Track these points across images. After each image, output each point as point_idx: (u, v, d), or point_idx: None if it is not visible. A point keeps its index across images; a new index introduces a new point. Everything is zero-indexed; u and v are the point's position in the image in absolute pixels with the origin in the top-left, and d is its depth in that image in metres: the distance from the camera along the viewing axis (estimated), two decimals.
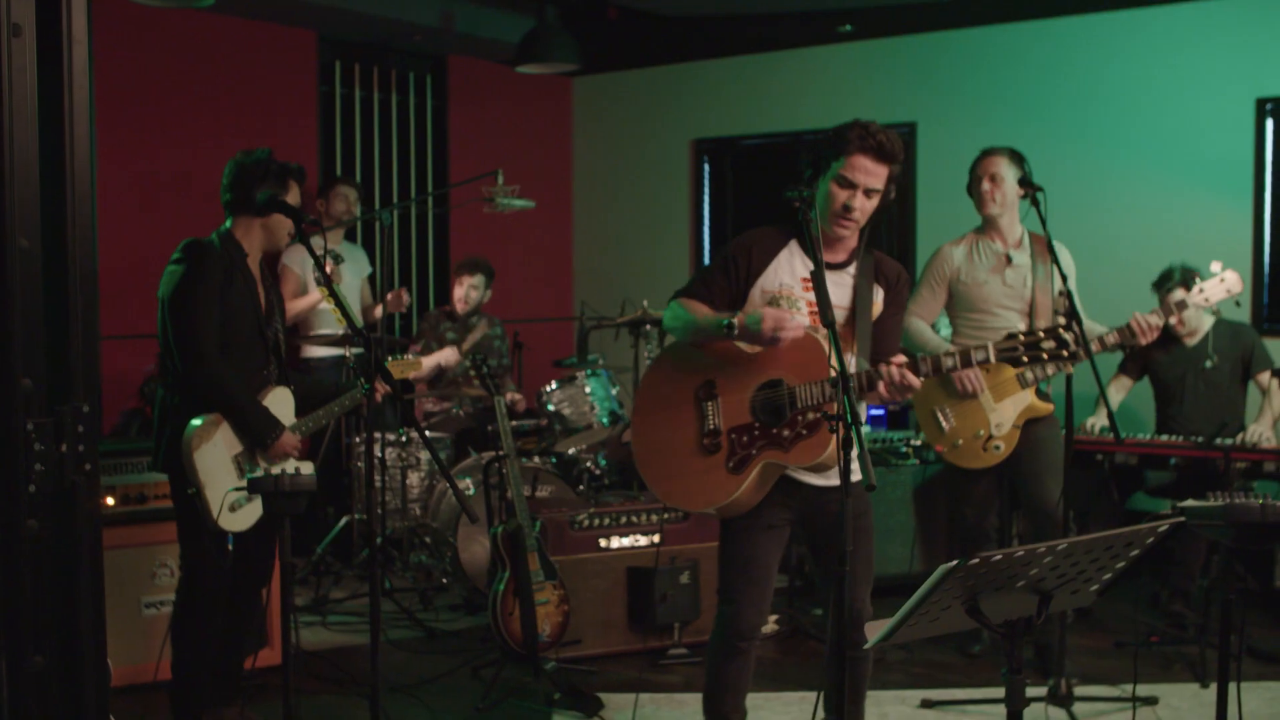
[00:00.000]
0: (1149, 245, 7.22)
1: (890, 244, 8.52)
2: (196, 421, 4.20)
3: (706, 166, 9.40)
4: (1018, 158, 5.27)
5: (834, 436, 3.41)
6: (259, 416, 4.31)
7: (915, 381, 3.42)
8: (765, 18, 7.83)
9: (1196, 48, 7.25)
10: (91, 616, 2.84)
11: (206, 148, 7.21)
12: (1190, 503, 2.96)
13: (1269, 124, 7.09)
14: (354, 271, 7.42)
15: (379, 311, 7.08)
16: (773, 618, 5.87)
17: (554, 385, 6.80)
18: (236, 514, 4.26)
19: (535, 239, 9.58)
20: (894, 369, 3.42)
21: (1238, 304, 5.29)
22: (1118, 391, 6.36)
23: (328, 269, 7.08)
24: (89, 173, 2.99)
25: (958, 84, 8.10)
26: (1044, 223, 4.78)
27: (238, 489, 4.17)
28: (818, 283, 3.23)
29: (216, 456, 4.24)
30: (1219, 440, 5.72)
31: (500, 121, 9.29)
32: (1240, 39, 7.10)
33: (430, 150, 9.02)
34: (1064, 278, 4.70)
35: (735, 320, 3.52)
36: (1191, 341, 6.18)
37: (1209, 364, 6.12)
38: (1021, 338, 3.38)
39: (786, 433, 3.54)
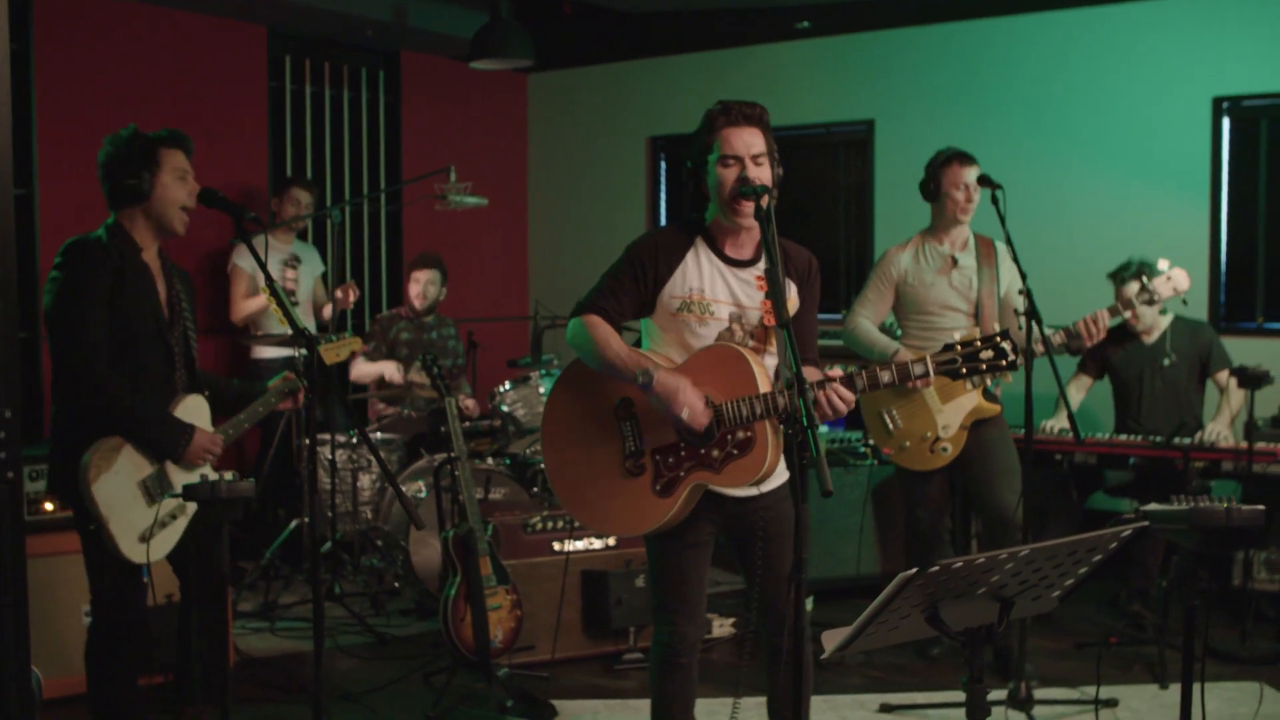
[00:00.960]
0: (1106, 244, 7.15)
1: (848, 243, 8.46)
2: (91, 452, 3.81)
3: (663, 164, 9.31)
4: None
5: (769, 455, 3.32)
6: (163, 427, 3.92)
7: (849, 397, 3.27)
8: (722, 14, 7.74)
9: (1154, 46, 7.21)
10: (13, 627, 2.73)
11: None
12: (1153, 506, 2.89)
13: (1225, 123, 7.07)
14: (307, 271, 7.29)
15: (329, 310, 6.96)
16: (728, 620, 5.79)
17: (507, 386, 6.69)
18: (150, 543, 3.87)
19: (490, 237, 9.46)
20: (827, 391, 3.25)
21: (1184, 303, 5.26)
22: (1077, 391, 6.32)
23: (287, 274, 7.00)
24: (8, 174, 2.87)
25: (916, 81, 8.04)
26: (1003, 221, 4.72)
27: (173, 495, 3.93)
28: (772, 280, 3.11)
29: (119, 485, 3.85)
30: (1177, 440, 5.68)
31: (454, 118, 9.16)
32: (1197, 37, 7.08)
33: (383, 147, 8.87)
34: (1023, 275, 4.64)
35: (651, 381, 3.33)
36: (1149, 340, 6.15)
37: (1167, 362, 6.09)
38: (959, 349, 3.29)
39: (716, 453, 3.39)
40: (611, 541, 5.47)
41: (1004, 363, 3.29)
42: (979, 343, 3.30)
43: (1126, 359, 6.18)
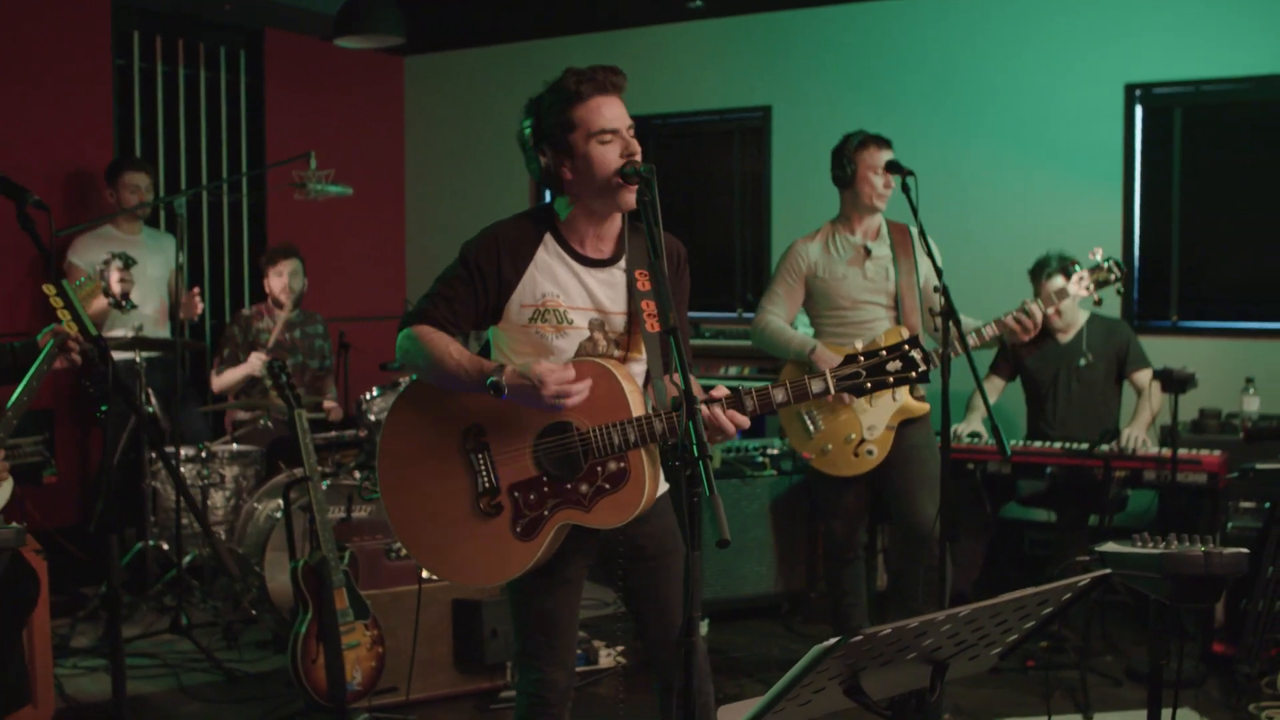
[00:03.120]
0: (1013, 236, 6.84)
1: (744, 236, 8.02)
2: None
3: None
4: None
5: (646, 487, 2.84)
6: None
7: (744, 422, 2.79)
8: None
9: (1063, 29, 6.88)
10: None
11: None
12: (1111, 548, 2.42)
13: (1139, 111, 6.74)
14: (159, 263, 6.60)
15: (182, 312, 6.33)
16: (617, 649, 5.29)
17: (375, 392, 6.09)
18: None
19: (364, 230, 8.87)
20: (716, 411, 2.76)
21: (1098, 301, 4.88)
22: (990, 394, 5.93)
23: (115, 275, 6.29)
24: None
25: (814, 65, 7.65)
26: (915, 211, 4.27)
27: None
28: (656, 278, 2.60)
29: None
30: (1101, 448, 5.33)
31: (324, 103, 8.55)
32: (1109, 20, 6.76)
33: (245, 133, 8.22)
34: (939, 271, 4.19)
35: (502, 380, 2.81)
36: (1064, 338, 5.79)
37: (1083, 362, 5.73)
38: (862, 360, 2.83)
39: (585, 488, 2.90)
40: None
41: (913, 374, 2.83)
42: (884, 352, 2.84)
43: (1041, 359, 5.81)
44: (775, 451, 6.10)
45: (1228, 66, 6.48)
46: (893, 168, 4.56)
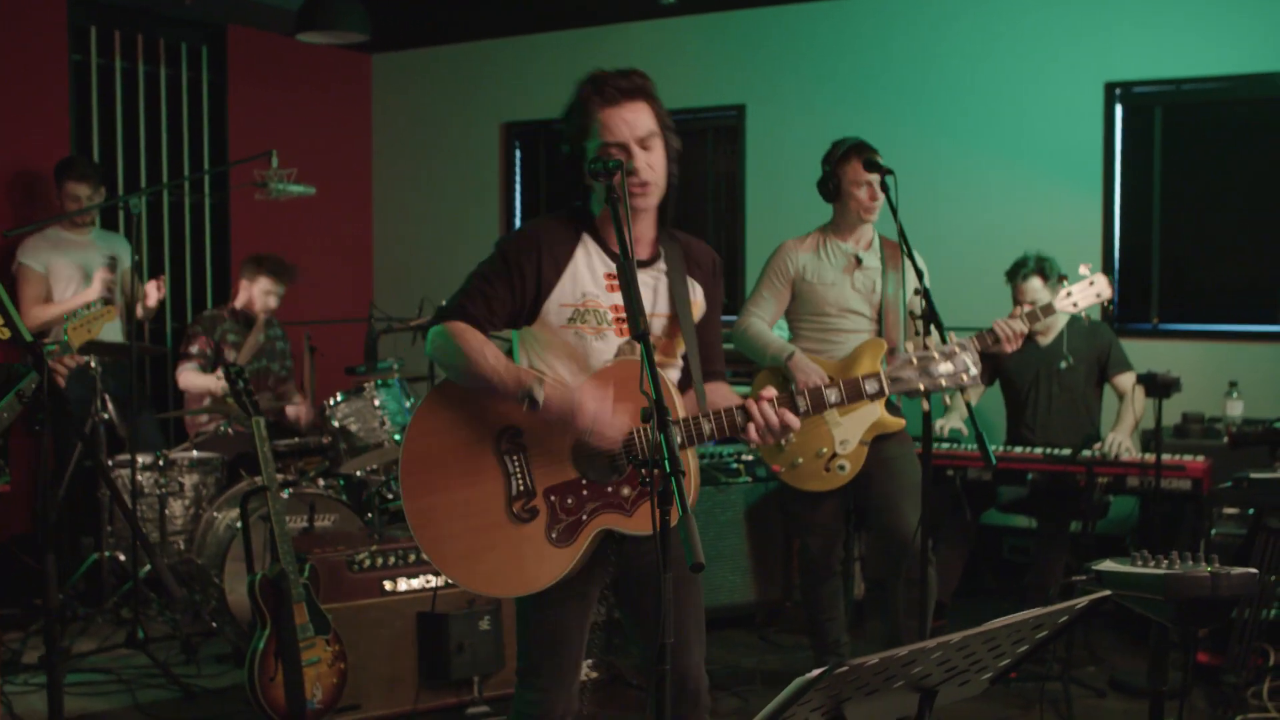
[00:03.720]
0: (990, 238, 6.73)
1: (718, 236, 7.89)
2: None
3: (518, 152, 8.64)
4: None
5: (692, 490, 2.71)
6: None
7: (794, 422, 2.70)
8: None
9: (1041, 26, 6.78)
10: None
11: None
12: (1110, 566, 2.28)
13: (1119, 109, 6.63)
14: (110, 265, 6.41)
15: (140, 311, 6.14)
16: (587, 662, 5.13)
17: (340, 397, 5.93)
18: None
19: (330, 231, 8.68)
20: (765, 406, 2.68)
21: (1107, 306, 4.76)
22: (972, 395, 5.80)
23: (102, 275, 6.08)
24: None
25: (789, 63, 7.52)
26: (894, 210, 4.14)
27: None
28: (625, 279, 2.45)
29: None
30: (1085, 453, 5.21)
31: (289, 101, 8.36)
32: (1088, 18, 6.65)
33: (207, 131, 8.02)
34: (920, 274, 4.05)
35: (539, 396, 2.70)
36: (1044, 341, 5.66)
37: (1064, 365, 5.61)
38: (915, 361, 2.83)
39: (626, 490, 2.77)
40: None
41: (965, 377, 2.85)
42: (936, 354, 2.84)
43: (1021, 362, 5.69)
44: (750, 458, 5.95)
45: (1209, 65, 6.40)
46: (871, 166, 4.43)
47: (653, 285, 2.90)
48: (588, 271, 2.84)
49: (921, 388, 2.75)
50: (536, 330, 2.88)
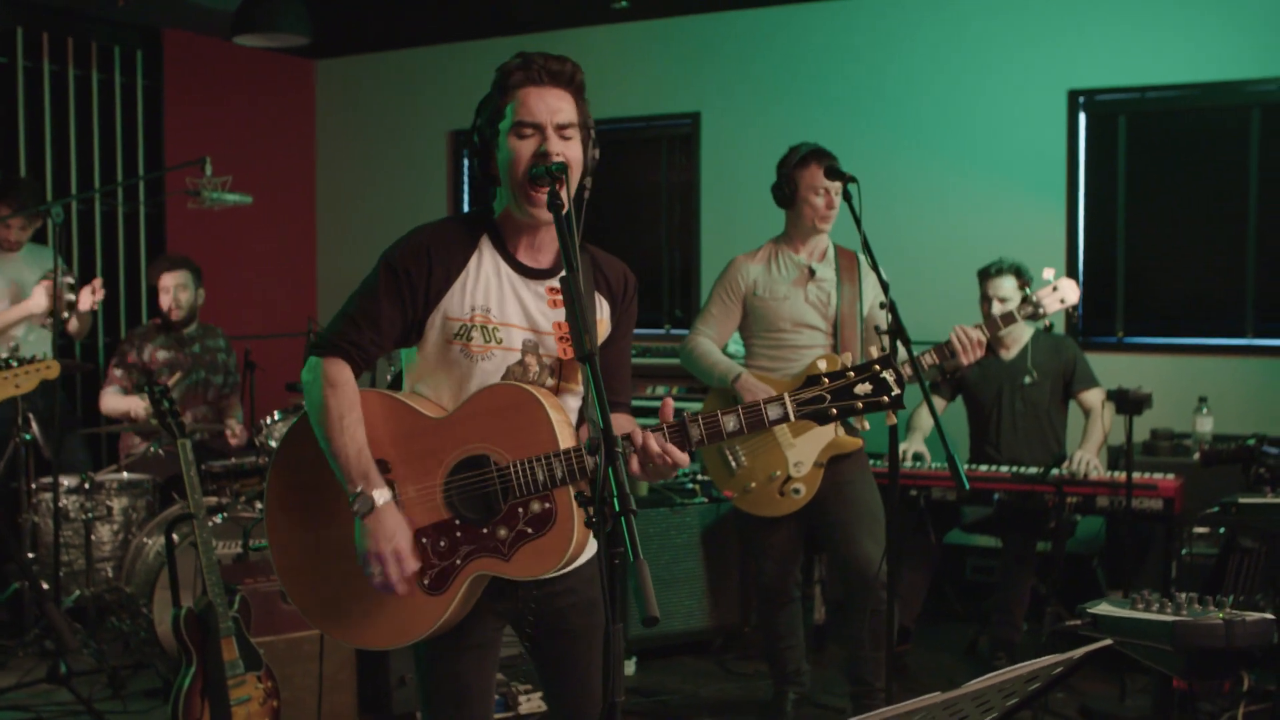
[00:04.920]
0: (952, 249, 6.57)
1: (672, 248, 7.69)
2: None
3: (466, 161, 8.41)
4: None
5: (575, 533, 2.45)
6: None
7: (682, 459, 2.43)
8: None
9: (1003, 33, 6.65)
10: None
11: None
12: (1105, 610, 2.06)
13: (1082, 118, 6.49)
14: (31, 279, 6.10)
15: (75, 323, 5.86)
16: (537, 695, 4.89)
17: (276, 416, 5.67)
18: None
19: (272, 241, 8.42)
20: (652, 440, 2.40)
21: (1049, 325, 4.57)
22: (930, 415, 5.60)
23: (45, 286, 5.75)
24: None
25: (745, 70, 7.36)
26: (858, 221, 3.93)
27: None
28: (570, 294, 2.21)
29: None
30: (1054, 471, 5.04)
31: (229, 107, 8.10)
32: (1050, 25, 6.52)
33: (142, 138, 7.73)
34: (885, 285, 3.85)
35: (370, 510, 2.50)
36: (1008, 355, 5.49)
37: (1028, 380, 5.43)
38: (826, 381, 2.46)
39: (503, 532, 2.51)
40: None
41: (886, 399, 2.46)
42: (851, 373, 2.47)
43: (983, 377, 5.51)
44: (706, 477, 5.73)
45: (1173, 73, 6.28)
46: (832, 174, 4.23)
47: (549, 298, 2.62)
48: (480, 282, 2.57)
49: (835, 412, 2.48)
50: (422, 350, 2.62)
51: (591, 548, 2.65)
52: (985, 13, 6.67)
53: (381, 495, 2.49)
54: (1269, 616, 2.00)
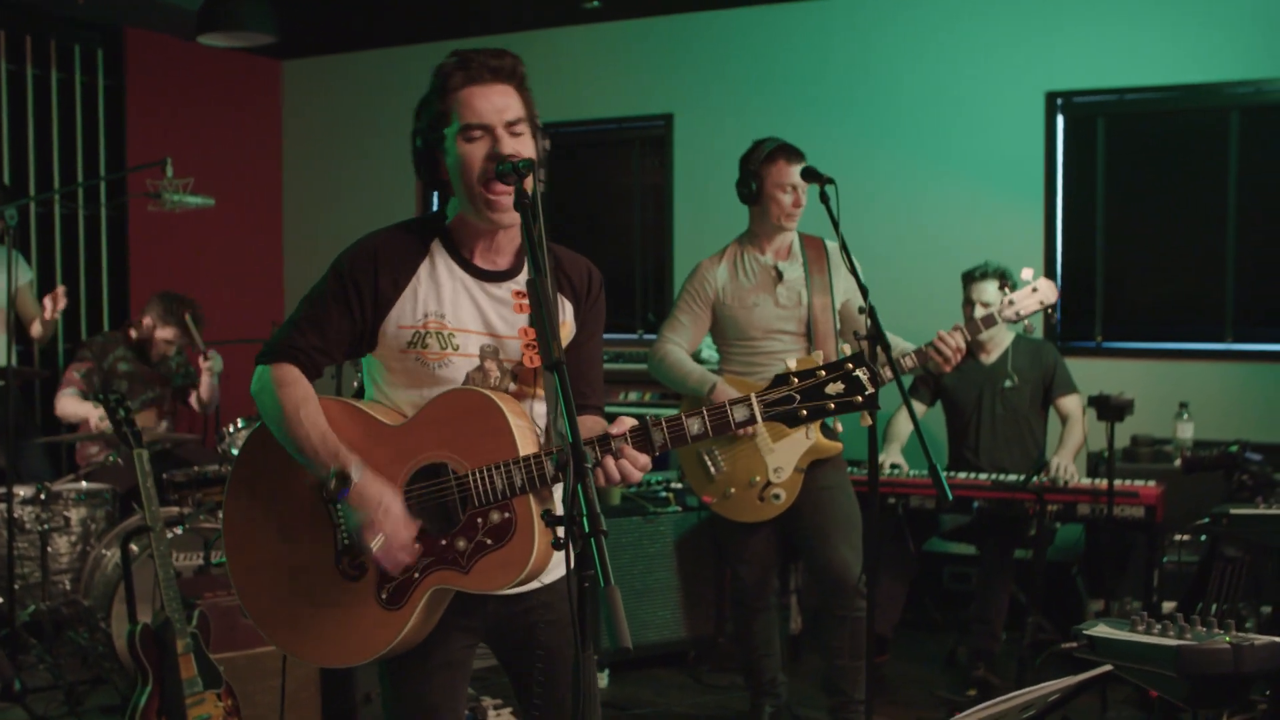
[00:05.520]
0: (928, 252, 6.50)
1: (645, 252, 7.58)
2: None
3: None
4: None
5: (537, 543, 2.35)
6: None
7: (645, 462, 2.34)
8: None
9: (979, 33, 6.56)
10: None
11: None
12: (1104, 632, 1.96)
13: (1060, 120, 6.42)
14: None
15: (38, 327, 5.71)
16: (507, 710, 4.77)
17: (240, 424, 5.53)
18: None
19: (237, 244, 8.27)
20: (611, 463, 2.31)
21: (1028, 327, 4.49)
22: (907, 421, 5.51)
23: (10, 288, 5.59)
24: None
25: (718, 71, 7.26)
26: (836, 224, 3.84)
27: None
28: (537, 298, 2.10)
29: None
30: (1035, 479, 4.95)
31: (193, 108, 7.95)
32: (1028, 26, 6.45)
33: (104, 140, 7.56)
34: (864, 290, 3.75)
35: (347, 486, 2.38)
36: (988, 359, 5.40)
37: (1008, 384, 5.35)
38: (795, 380, 2.35)
39: (462, 543, 2.40)
40: None
41: (859, 398, 2.35)
42: (822, 372, 2.36)
43: (962, 381, 5.42)
44: (680, 485, 5.62)
45: (1153, 74, 6.22)
46: (809, 175, 4.12)
47: (508, 301, 2.53)
48: (432, 288, 2.48)
49: (804, 413, 2.37)
50: (378, 357, 2.53)
51: (559, 562, 2.54)
52: (962, 14, 6.59)
53: (357, 468, 2.39)
54: (1278, 640, 1.90)
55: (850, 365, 2.35)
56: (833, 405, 2.34)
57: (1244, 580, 4.28)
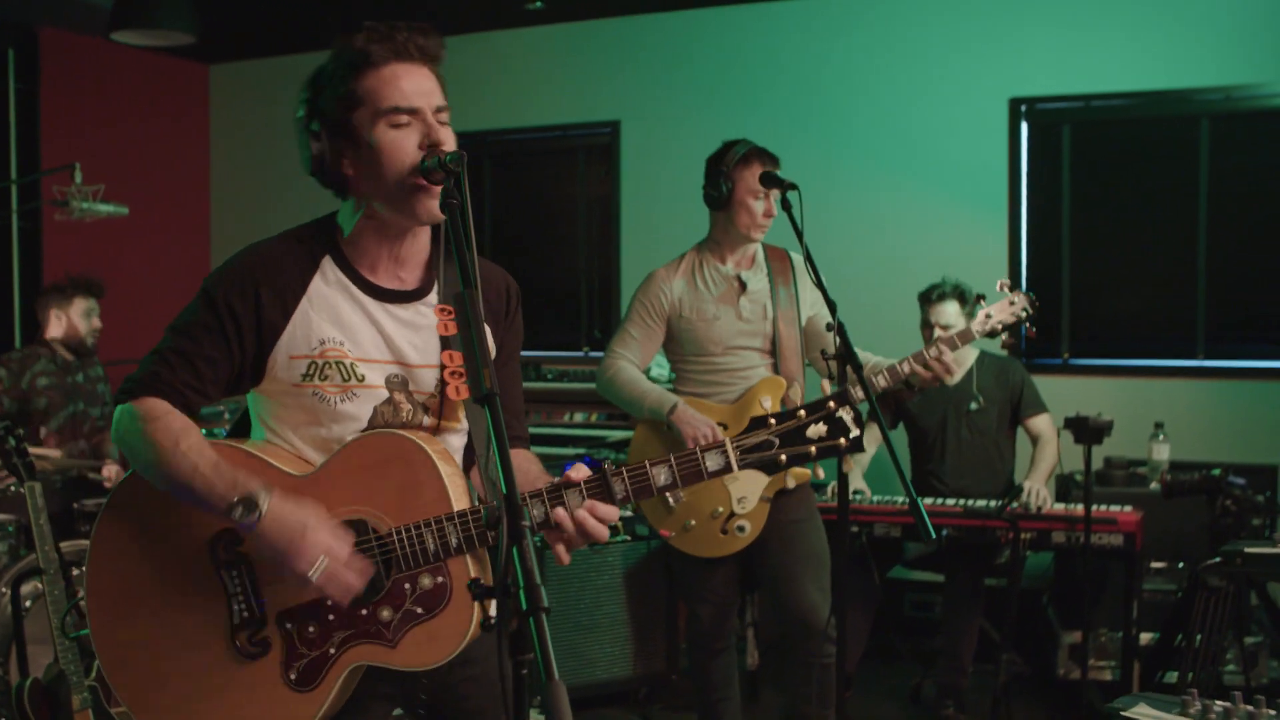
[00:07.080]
0: (888, 264, 6.25)
1: (590, 264, 7.26)
2: None
3: None
4: None
5: (474, 611, 2.02)
6: None
7: (611, 515, 2.03)
8: None
9: (941, 39, 6.35)
10: None
11: None
12: (1145, 711, 1.65)
13: (1024, 127, 6.19)
14: None
15: None
16: None
17: None
18: None
19: (162, 256, 7.88)
20: (563, 513, 1.99)
21: (1031, 327, 4.20)
22: (869, 443, 5.23)
23: None
24: None
25: (667, 76, 7.00)
26: (800, 233, 3.54)
27: None
28: (465, 321, 1.76)
29: None
30: (1010, 504, 4.67)
31: (113, 112, 7.57)
32: (991, 29, 6.23)
33: (15, 145, 7.15)
34: (832, 306, 3.45)
35: (257, 517, 1.98)
36: (952, 380, 5.07)
37: (974, 406, 5.08)
38: (773, 423, 2.07)
39: (387, 613, 2.07)
40: None
41: (843, 441, 2.07)
42: (803, 413, 2.07)
43: (926, 403, 5.15)
44: (629, 513, 5.29)
45: (1119, 80, 6.03)
46: (769, 180, 3.82)
47: (417, 324, 2.19)
48: (326, 310, 2.14)
49: (784, 459, 2.09)
50: (264, 393, 2.17)
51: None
52: (922, 16, 6.36)
53: (265, 492, 2.00)
54: None
55: (833, 405, 2.06)
56: (814, 450, 2.07)
57: (1229, 611, 4.03)
